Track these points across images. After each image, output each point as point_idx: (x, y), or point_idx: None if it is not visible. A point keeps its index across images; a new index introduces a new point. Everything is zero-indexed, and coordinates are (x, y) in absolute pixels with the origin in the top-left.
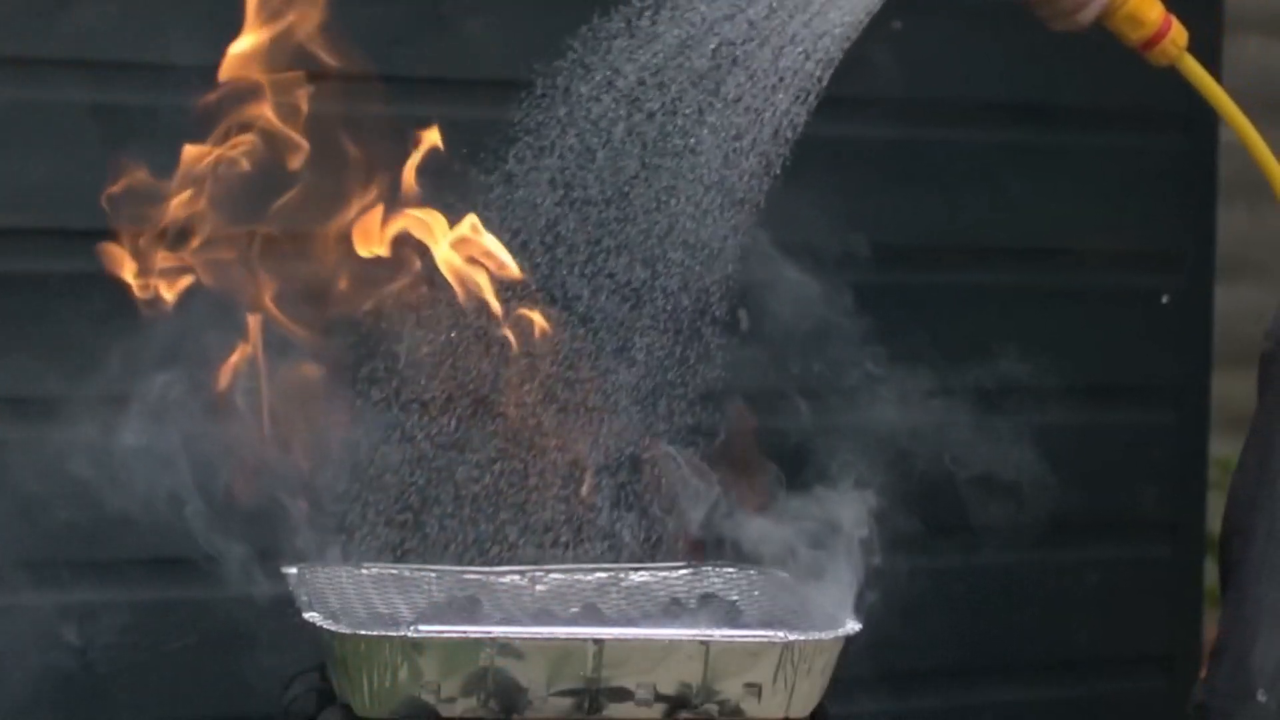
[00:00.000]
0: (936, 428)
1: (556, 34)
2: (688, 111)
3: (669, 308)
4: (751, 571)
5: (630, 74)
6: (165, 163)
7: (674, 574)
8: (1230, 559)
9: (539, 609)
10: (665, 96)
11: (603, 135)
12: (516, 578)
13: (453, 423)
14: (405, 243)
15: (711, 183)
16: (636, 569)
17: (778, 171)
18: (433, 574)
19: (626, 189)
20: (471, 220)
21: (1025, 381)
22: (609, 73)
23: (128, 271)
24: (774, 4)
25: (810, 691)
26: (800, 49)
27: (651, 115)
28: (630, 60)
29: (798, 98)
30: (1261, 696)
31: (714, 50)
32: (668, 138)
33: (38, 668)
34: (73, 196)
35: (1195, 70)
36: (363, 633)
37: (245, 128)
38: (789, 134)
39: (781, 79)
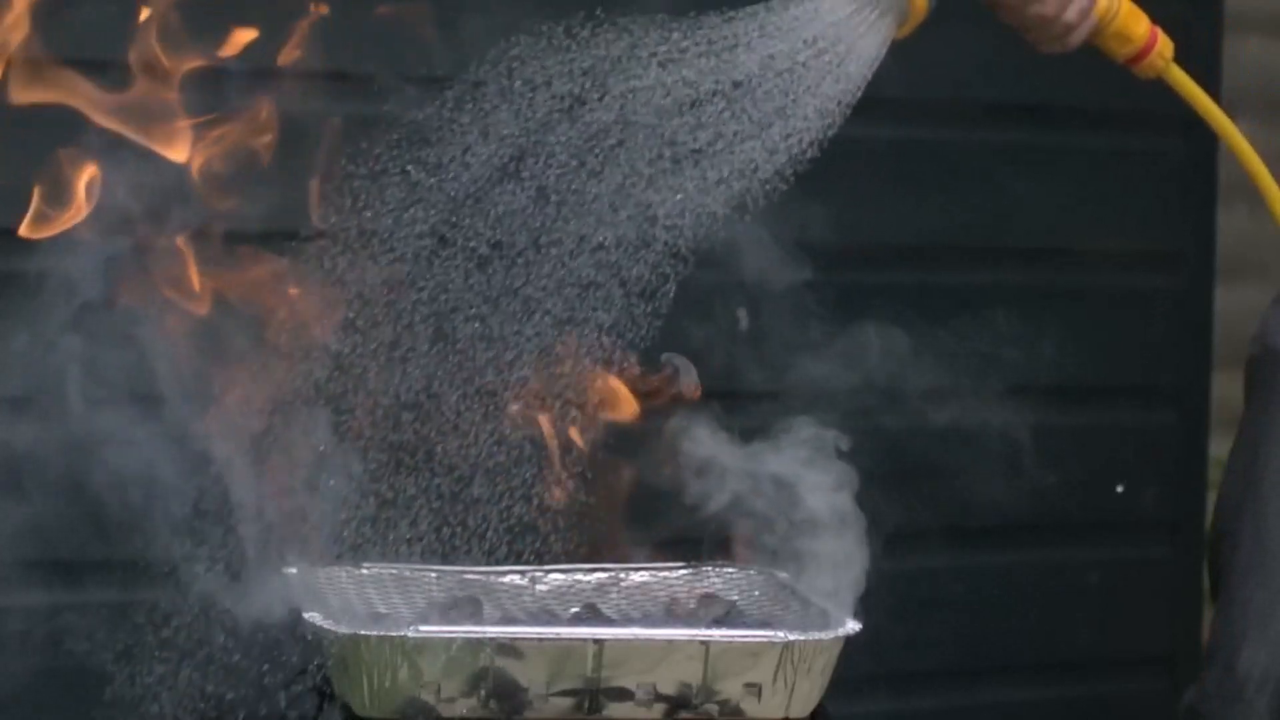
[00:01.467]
0: (935, 427)
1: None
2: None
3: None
4: (751, 571)
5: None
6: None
7: (674, 574)
8: (1219, 563)
9: (539, 609)
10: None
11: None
12: (516, 578)
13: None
14: None
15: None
16: (636, 569)
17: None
18: (433, 574)
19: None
20: None
21: (1025, 381)
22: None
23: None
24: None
25: (810, 691)
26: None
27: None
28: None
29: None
30: (1250, 697)
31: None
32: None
33: (33, 667)
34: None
35: (1182, 80)
36: (363, 633)
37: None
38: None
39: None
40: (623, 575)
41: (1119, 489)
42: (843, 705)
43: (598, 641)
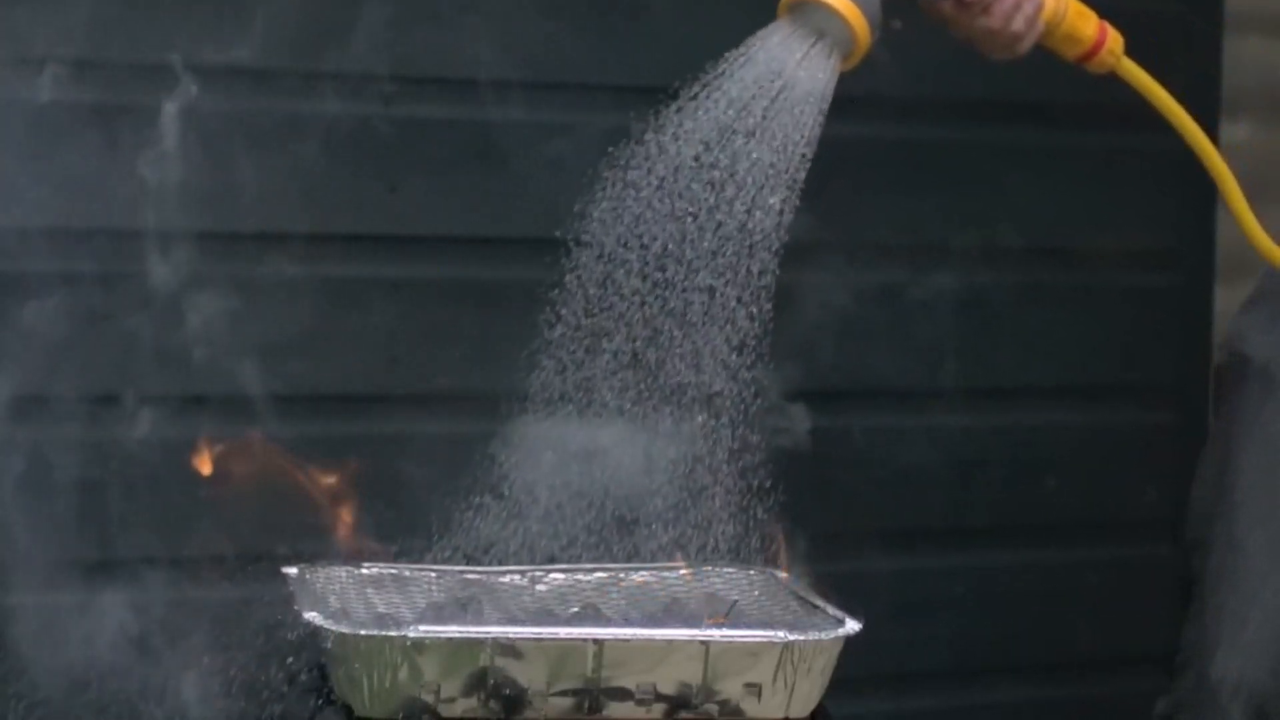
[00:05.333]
0: (936, 428)
1: (555, 35)
2: None
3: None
4: (751, 571)
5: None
6: (166, 163)
7: (674, 574)
8: (1193, 572)
9: (539, 609)
10: None
11: None
12: (516, 578)
13: None
14: None
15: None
16: (636, 569)
17: None
18: (433, 574)
19: None
20: None
21: (1025, 381)
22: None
23: None
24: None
25: (810, 691)
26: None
27: None
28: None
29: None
30: (1224, 705)
31: None
32: None
33: (45, 665)
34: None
35: (1135, 73)
36: (363, 633)
37: None
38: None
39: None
40: (623, 575)
41: None
42: (843, 705)
43: (598, 641)
